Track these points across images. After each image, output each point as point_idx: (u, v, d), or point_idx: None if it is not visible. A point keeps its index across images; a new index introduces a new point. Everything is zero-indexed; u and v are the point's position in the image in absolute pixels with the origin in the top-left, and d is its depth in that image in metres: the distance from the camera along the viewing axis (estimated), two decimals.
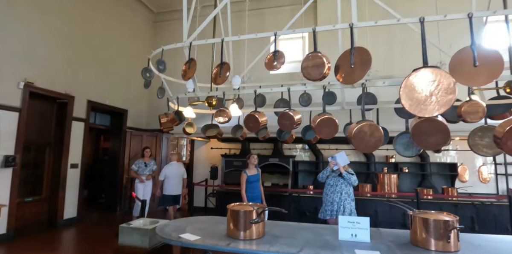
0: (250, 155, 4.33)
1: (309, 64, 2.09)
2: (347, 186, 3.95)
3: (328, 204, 3.97)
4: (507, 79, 2.59)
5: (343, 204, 3.88)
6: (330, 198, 3.94)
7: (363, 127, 2.10)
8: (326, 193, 4.02)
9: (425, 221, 2.29)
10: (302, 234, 2.55)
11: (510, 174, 6.15)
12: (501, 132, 1.98)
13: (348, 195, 3.94)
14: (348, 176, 3.89)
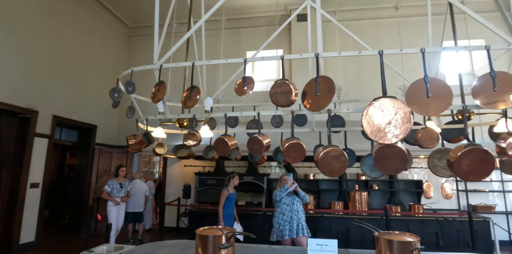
0: (234, 175, 4.62)
1: (277, 91, 2.16)
2: (301, 203, 4.09)
3: (285, 223, 3.94)
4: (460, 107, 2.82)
5: (301, 222, 3.92)
6: (288, 217, 3.95)
7: (329, 151, 2.17)
8: (282, 212, 4.00)
9: (389, 243, 2.35)
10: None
11: (470, 190, 6.54)
12: (454, 156, 2.13)
13: (303, 212, 4.09)
14: (303, 193, 4.06)
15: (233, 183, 4.46)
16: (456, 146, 2.21)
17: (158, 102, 2.46)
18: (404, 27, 6.34)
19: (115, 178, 5.43)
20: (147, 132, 2.84)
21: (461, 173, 2.11)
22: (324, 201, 6.46)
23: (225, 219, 4.38)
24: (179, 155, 3.39)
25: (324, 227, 5.53)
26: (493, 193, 6.55)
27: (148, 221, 7.55)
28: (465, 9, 2.37)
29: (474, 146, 2.07)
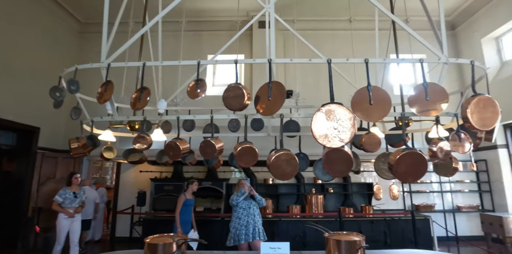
0: (193, 181, 4.54)
1: (229, 95, 2.16)
2: (257, 207, 4.12)
3: (241, 228, 3.94)
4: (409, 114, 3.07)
5: (257, 226, 3.96)
6: (244, 221, 3.95)
7: (280, 155, 2.21)
8: (239, 217, 4.00)
9: (338, 242, 2.45)
10: None
11: (414, 191, 7.12)
12: (393, 159, 2.30)
13: (260, 216, 4.12)
14: (259, 197, 4.10)
15: (191, 189, 4.36)
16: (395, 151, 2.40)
17: (105, 103, 2.31)
18: (358, 39, 6.77)
19: (67, 186, 4.82)
20: (92, 135, 2.65)
21: (399, 174, 2.28)
22: (282, 205, 6.56)
23: (182, 226, 4.24)
24: (130, 160, 3.21)
25: (282, 231, 5.60)
26: (433, 193, 7.19)
27: (98, 231, 7.02)
28: (404, 26, 2.60)
29: (411, 150, 2.25)
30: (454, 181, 7.19)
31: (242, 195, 4.04)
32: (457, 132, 2.47)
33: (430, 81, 2.29)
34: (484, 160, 7.18)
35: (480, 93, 2.25)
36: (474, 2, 7.29)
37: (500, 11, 6.81)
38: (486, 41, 7.33)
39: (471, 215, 7.00)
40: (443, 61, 2.32)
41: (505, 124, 6.86)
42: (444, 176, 3.00)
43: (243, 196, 4.04)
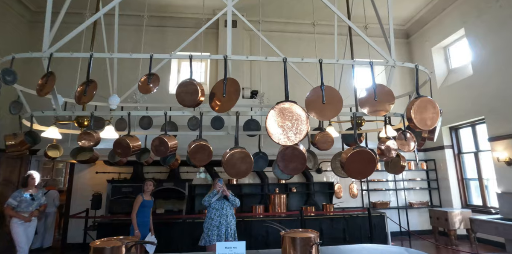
0: (145, 181, 4.32)
1: (183, 91, 2.10)
2: (231, 208, 4.07)
3: (213, 228, 3.92)
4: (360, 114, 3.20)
5: (230, 226, 3.92)
6: (216, 222, 3.92)
7: (234, 153, 2.18)
8: (211, 217, 3.98)
9: (293, 239, 2.48)
10: None
11: (371, 189, 7.49)
12: (345, 157, 2.39)
13: (233, 217, 4.08)
14: (233, 197, 4.03)
15: (146, 189, 4.15)
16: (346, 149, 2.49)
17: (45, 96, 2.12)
18: (321, 43, 6.98)
19: (23, 188, 4.36)
20: (31, 131, 2.43)
21: (350, 172, 2.37)
22: (246, 205, 6.54)
23: (139, 229, 4.05)
24: (79, 159, 3.00)
25: (246, 231, 5.58)
26: (389, 191, 7.63)
27: (49, 238, 6.50)
28: (359, 32, 2.71)
29: (361, 148, 2.35)
30: (407, 179, 7.69)
31: (215, 196, 4.00)
32: (403, 131, 2.63)
33: (386, 84, 2.42)
34: (433, 160, 7.77)
35: (423, 95, 2.41)
36: (426, 14, 7.89)
37: (447, 23, 7.44)
38: (435, 50, 7.96)
39: (421, 210, 7.53)
40: (390, 64, 2.46)
41: (451, 127, 7.49)
42: (394, 173, 3.18)
43: (215, 196, 4.00)
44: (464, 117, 6.90)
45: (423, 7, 7.76)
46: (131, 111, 2.34)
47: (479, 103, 6.46)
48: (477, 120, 6.72)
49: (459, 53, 7.55)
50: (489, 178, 6.54)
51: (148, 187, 4.17)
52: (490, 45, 6.23)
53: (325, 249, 2.92)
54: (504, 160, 5.77)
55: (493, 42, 6.15)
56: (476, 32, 6.61)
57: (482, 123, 6.54)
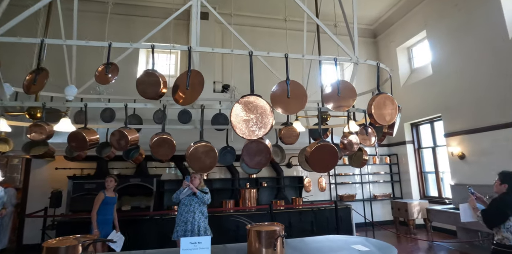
0: (107, 177, 4.11)
1: (144, 82, 2.02)
2: (200, 205, 4.00)
3: (181, 224, 3.88)
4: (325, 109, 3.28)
5: (198, 223, 3.89)
6: (184, 217, 3.88)
7: (198, 147, 2.15)
8: (180, 213, 3.94)
9: (258, 233, 2.50)
10: None
11: (339, 183, 7.78)
12: (309, 151, 2.44)
13: (202, 213, 3.99)
14: (201, 195, 3.95)
15: (108, 186, 3.98)
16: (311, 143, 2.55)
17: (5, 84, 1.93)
18: (292, 39, 7.05)
19: None
20: None
21: (314, 165, 2.42)
22: (217, 200, 6.50)
23: (101, 227, 3.88)
24: (33, 153, 2.79)
25: (216, 226, 5.54)
26: (355, 185, 7.96)
27: (3, 239, 6.03)
28: (325, 29, 2.76)
29: (324, 142, 2.41)
30: (372, 173, 8.08)
31: (180, 192, 3.93)
32: (364, 126, 2.74)
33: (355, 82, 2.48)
34: (395, 154, 8.21)
35: (383, 92, 2.52)
36: (392, 15, 8.24)
37: (411, 24, 7.82)
38: (400, 50, 8.36)
39: (384, 202, 7.95)
40: (354, 61, 2.54)
41: (412, 123, 7.95)
42: (357, 167, 3.32)
43: (181, 193, 3.91)
44: (424, 115, 7.35)
45: (389, 8, 8.08)
46: (88, 103, 2.20)
47: (437, 102, 6.90)
48: (435, 118, 7.19)
49: (421, 53, 7.99)
50: (444, 171, 7.04)
51: (109, 184, 3.99)
52: (448, 47, 6.65)
53: (291, 241, 2.99)
54: (458, 154, 6.23)
55: (451, 45, 6.57)
56: (436, 35, 7.02)
57: (439, 120, 7.01)
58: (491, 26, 5.68)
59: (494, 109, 5.59)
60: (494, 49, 5.61)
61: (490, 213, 2.72)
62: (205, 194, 4.01)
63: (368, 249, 2.60)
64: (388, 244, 2.78)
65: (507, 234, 2.59)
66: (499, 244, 2.64)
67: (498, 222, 2.65)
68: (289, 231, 5.71)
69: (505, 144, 5.35)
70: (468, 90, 6.12)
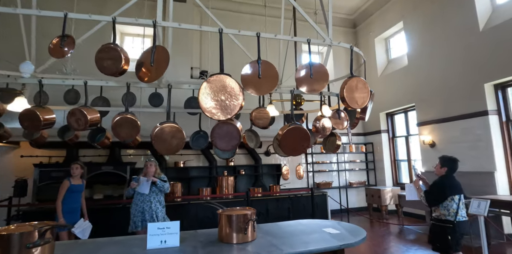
0: (72, 164, 3.86)
1: (103, 57, 1.87)
2: (158, 194, 3.82)
3: (138, 214, 3.70)
4: (298, 92, 3.24)
5: (155, 213, 3.72)
6: (140, 207, 3.70)
7: (165, 128, 2.05)
8: (136, 203, 3.75)
9: (229, 217, 2.47)
10: (106, 250, 2.23)
11: (316, 171, 7.91)
12: (280, 134, 2.41)
13: (159, 203, 3.83)
14: (161, 183, 3.77)
15: (73, 173, 3.77)
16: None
17: None
18: (273, 26, 6.91)
19: None
20: None
21: (286, 148, 2.39)
22: (194, 188, 6.45)
23: (67, 215, 3.68)
24: None
25: (191, 214, 5.50)
26: (332, 172, 8.13)
27: None
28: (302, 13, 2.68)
29: (295, 125, 2.38)
30: (348, 161, 8.27)
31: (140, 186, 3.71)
32: (337, 110, 2.73)
33: (332, 68, 2.43)
34: (371, 143, 8.43)
35: (355, 75, 2.50)
36: (371, 5, 8.27)
37: (389, 15, 7.90)
38: (378, 41, 8.46)
39: (359, 189, 8.20)
40: (327, 43, 2.50)
41: (388, 113, 8.15)
42: (331, 152, 3.33)
43: (140, 186, 3.70)
44: (398, 104, 7.54)
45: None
46: (44, 80, 2.03)
47: (411, 92, 7.08)
48: (409, 107, 7.40)
49: (398, 44, 8.13)
50: (416, 159, 7.31)
51: (75, 171, 3.77)
52: (423, 38, 6.78)
53: (264, 226, 2.99)
54: (428, 143, 6.48)
55: (426, 36, 6.71)
56: (412, 26, 7.13)
57: (413, 110, 7.22)
58: (464, 19, 5.83)
59: (463, 100, 5.81)
60: (465, 41, 5.78)
61: (432, 193, 3.06)
62: (165, 183, 3.83)
63: (338, 232, 2.64)
64: (358, 226, 2.84)
65: (444, 211, 2.99)
66: (437, 219, 3.03)
67: (438, 202, 3.01)
68: (266, 217, 5.76)
69: (471, 133, 5.60)
70: (440, 81, 6.31)
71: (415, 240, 5.28)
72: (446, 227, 2.94)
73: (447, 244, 2.91)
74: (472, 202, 3.60)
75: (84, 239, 2.71)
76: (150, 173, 3.75)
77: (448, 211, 2.98)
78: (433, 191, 3.05)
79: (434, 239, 3.05)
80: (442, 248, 2.98)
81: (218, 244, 2.36)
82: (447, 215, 2.97)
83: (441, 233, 2.96)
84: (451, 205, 2.98)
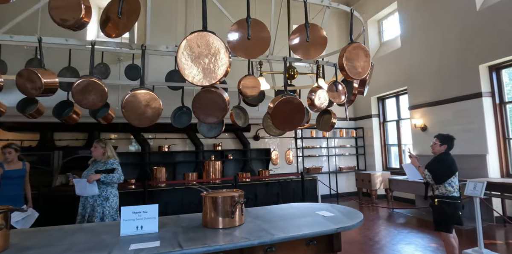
0: (2, 148, 3.39)
1: (56, 5, 1.52)
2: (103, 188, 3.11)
3: (81, 206, 3.10)
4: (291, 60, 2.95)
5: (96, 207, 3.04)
6: (83, 199, 3.08)
7: (137, 94, 1.74)
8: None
9: (214, 199, 2.22)
10: (72, 239, 1.95)
11: (306, 155, 7.76)
12: (272, 106, 2.14)
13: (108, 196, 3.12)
14: (108, 177, 3.01)
15: (6, 158, 3.27)
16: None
17: None
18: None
19: None
20: None
21: (278, 121, 2.13)
22: (179, 174, 6.17)
23: (7, 204, 3.12)
24: None
25: (176, 199, 5.26)
26: (322, 157, 8.00)
27: None
28: None
29: (289, 95, 2.11)
30: (338, 146, 8.15)
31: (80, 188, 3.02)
32: (334, 82, 2.47)
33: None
34: (361, 128, 8.31)
35: (356, 42, 2.23)
36: None
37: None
38: (370, 23, 8.19)
39: (349, 174, 8.13)
40: (325, 4, 2.20)
41: (379, 97, 8.00)
42: (324, 130, 3.10)
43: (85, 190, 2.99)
44: (390, 88, 7.38)
45: None
46: None
47: (404, 75, 6.91)
48: (401, 91, 7.25)
49: (391, 27, 7.88)
50: (406, 144, 7.24)
51: (9, 156, 3.28)
52: (418, 19, 6.55)
53: (253, 209, 2.78)
54: (420, 126, 6.38)
55: (420, 17, 6.47)
56: (407, 7, 6.87)
57: (405, 94, 7.08)
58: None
59: (456, 82, 5.68)
60: (461, 21, 5.58)
61: (439, 171, 2.99)
62: (113, 174, 3.07)
63: (333, 214, 2.45)
64: (354, 209, 2.66)
65: (449, 187, 2.95)
66: (443, 197, 2.97)
67: (446, 178, 2.94)
68: (255, 203, 5.59)
69: (464, 115, 5.50)
70: (434, 63, 6.15)
71: (406, 223, 5.24)
72: (455, 203, 2.92)
73: (456, 220, 2.90)
74: (468, 183, 3.49)
75: (46, 227, 2.41)
76: (95, 156, 3.18)
77: (452, 188, 2.96)
78: (441, 168, 2.99)
79: (440, 217, 2.99)
80: (447, 225, 2.94)
81: (202, 229, 2.12)
82: (452, 192, 2.95)
83: (450, 209, 2.92)
84: (455, 182, 2.97)
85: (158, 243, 1.80)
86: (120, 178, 3.13)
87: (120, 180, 3.13)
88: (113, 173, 3.11)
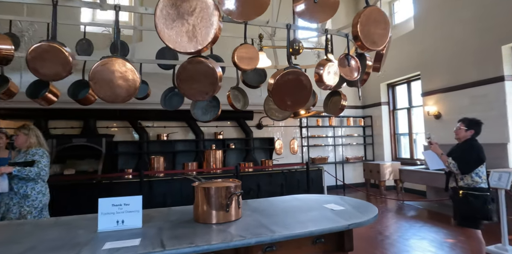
0: None
1: None
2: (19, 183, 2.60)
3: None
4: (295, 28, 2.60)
5: (11, 206, 2.57)
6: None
7: (108, 63, 1.43)
8: None
9: (206, 191, 1.93)
10: (41, 235, 1.69)
11: (311, 145, 7.44)
12: (272, 82, 1.81)
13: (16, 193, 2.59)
14: (22, 172, 2.49)
15: None
16: None
17: None
18: None
19: None
20: None
21: (279, 99, 1.81)
22: (179, 163, 5.93)
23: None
24: None
25: (175, 190, 5.03)
26: (328, 147, 7.68)
27: None
28: None
29: (293, 68, 1.78)
30: (345, 136, 7.80)
31: None
32: (346, 55, 2.12)
33: None
34: (370, 116, 7.92)
35: (372, 5, 1.87)
36: None
37: None
38: (381, 5, 7.66)
39: (356, 165, 7.81)
40: None
41: (389, 84, 7.57)
42: (333, 114, 2.78)
43: None
44: (402, 74, 6.95)
45: None
46: None
47: (417, 59, 6.47)
48: (413, 77, 6.82)
49: (403, 8, 7.37)
50: (418, 133, 6.86)
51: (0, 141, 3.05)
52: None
53: (252, 202, 2.49)
54: (433, 114, 5.98)
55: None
56: None
57: (417, 79, 6.65)
58: None
59: (475, 66, 5.24)
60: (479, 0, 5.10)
61: (466, 159, 2.62)
62: (31, 168, 2.53)
63: (343, 208, 2.15)
64: (366, 202, 2.36)
65: (476, 178, 2.60)
66: (469, 188, 2.61)
67: (474, 167, 2.59)
68: (258, 194, 5.34)
69: (483, 101, 5.10)
70: (449, 46, 5.69)
71: (417, 216, 4.94)
72: (483, 195, 2.55)
73: (485, 214, 2.52)
74: (493, 174, 3.15)
75: (24, 220, 2.17)
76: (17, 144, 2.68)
77: (480, 178, 2.59)
78: (468, 156, 2.63)
79: (467, 211, 2.60)
80: (475, 220, 2.56)
81: (193, 225, 1.84)
82: (480, 183, 2.58)
83: (478, 202, 2.54)
84: (482, 171, 2.61)
85: (138, 242, 1.53)
86: (41, 173, 2.55)
87: (41, 175, 2.57)
88: (32, 166, 2.55)
